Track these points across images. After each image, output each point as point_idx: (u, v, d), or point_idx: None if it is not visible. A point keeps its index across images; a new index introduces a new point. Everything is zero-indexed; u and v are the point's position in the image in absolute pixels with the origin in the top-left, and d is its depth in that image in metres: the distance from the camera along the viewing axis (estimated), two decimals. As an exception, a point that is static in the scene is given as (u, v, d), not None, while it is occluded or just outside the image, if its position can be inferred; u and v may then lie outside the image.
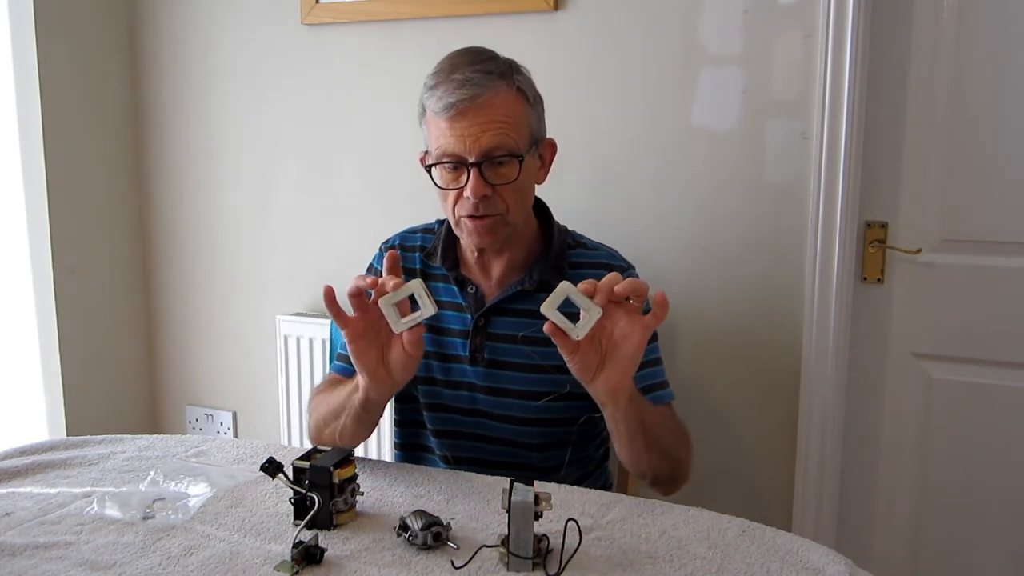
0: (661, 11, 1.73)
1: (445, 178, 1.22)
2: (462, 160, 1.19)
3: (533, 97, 1.25)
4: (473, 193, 1.18)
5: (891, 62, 1.66)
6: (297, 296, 2.18)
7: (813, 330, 1.68)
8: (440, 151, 1.20)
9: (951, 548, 1.75)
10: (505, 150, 1.19)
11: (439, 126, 1.20)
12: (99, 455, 1.24)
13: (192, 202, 2.28)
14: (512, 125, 1.20)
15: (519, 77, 1.23)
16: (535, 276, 1.27)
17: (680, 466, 1.21)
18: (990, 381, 1.68)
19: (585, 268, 1.29)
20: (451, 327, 1.32)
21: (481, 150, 1.18)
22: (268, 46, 2.11)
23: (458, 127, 1.18)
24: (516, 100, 1.21)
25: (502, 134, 1.18)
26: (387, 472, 1.17)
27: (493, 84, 1.19)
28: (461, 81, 1.18)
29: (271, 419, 2.22)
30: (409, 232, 1.41)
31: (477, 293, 1.30)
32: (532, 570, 0.89)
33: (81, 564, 0.92)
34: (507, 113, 1.19)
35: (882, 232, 1.71)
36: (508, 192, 1.21)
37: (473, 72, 1.18)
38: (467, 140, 1.17)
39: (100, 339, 2.26)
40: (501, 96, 1.19)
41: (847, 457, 1.77)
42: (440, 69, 1.22)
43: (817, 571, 0.90)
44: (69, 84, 2.13)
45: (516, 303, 1.28)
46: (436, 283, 1.34)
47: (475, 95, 1.17)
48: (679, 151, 1.76)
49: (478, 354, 1.29)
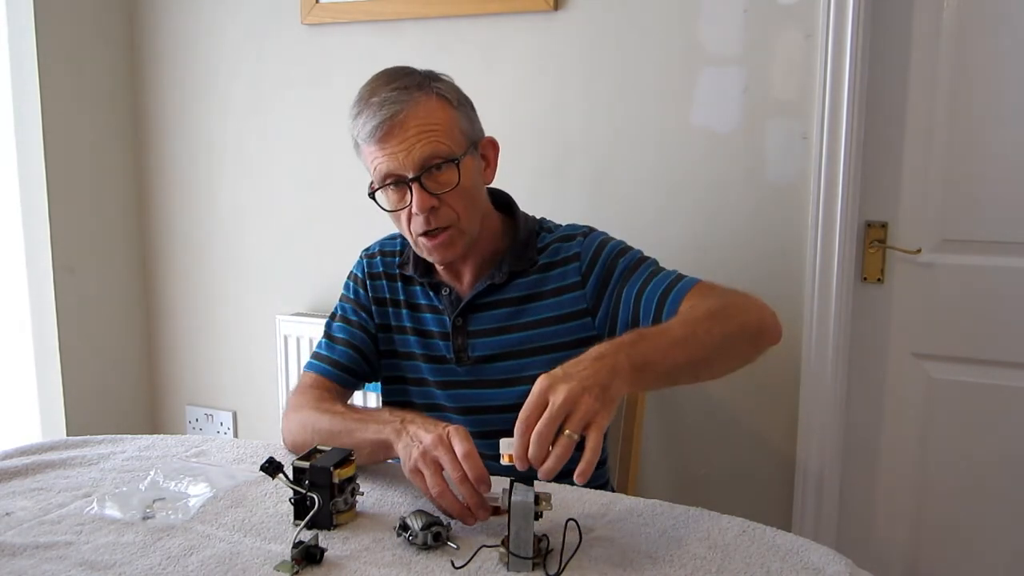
0: (661, 11, 1.73)
1: (391, 200, 1.24)
2: (401, 178, 1.20)
3: (457, 100, 1.25)
4: (419, 207, 1.19)
5: (891, 62, 1.66)
6: (297, 296, 2.18)
7: (813, 330, 1.68)
8: (378, 174, 1.22)
9: (951, 548, 1.75)
10: (439, 157, 1.20)
11: (371, 151, 1.21)
12: (99, 455, 1.24)
13: (192, 202, 2.27)
14: (441, 131, 1.20)
15: (437, 84, 1.24)
16: (504, 268, 1.29)
17: (750, 325, 1.13)
18: (990, 381, 1.68)
19: (552, 244, 1.31)
20: (432, 330, 1.33)
21: (415, 163, 1.19)
22: (268, 46, 2.11)
23: (388, 147, 1.19)
24: (439, 106, 1.22)
25: (433, 142, 1.19)
26: (387, 472, 1.17)
27: (412, 97, 1.20)
28: (379, 103, 1.19)
29: (271, 419, 2.22)
30: (389, 238, 1.42)
31: (452, 295, 1.32)
32: (532, 570, 0.89)
33: (81, 564, 0.92)
34: (432, 121, 1.20)
35: (882, 232, 1.71)
36: (454, 199, 1.21)
37: (389, 92, 1.20)
38: (400, 156, 1.19)
39: (100, 339, 2.26)
40: (422, 106, 1.20)
41: (847, 457, 1.77)
42: (360, 98, 1.24)
43: (817, 571, 0.89)
44: (69, 84, 2.13)
45: (489, 296, 1.30)
46: (414, 286, 1.36)
47: (395, 112, 1.18)
48: (679, 151, 1.76)
49: (463, 354, 1.31)
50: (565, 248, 1.31)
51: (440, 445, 0.99)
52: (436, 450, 0.98)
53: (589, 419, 0.89)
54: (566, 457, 0.89)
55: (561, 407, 0.89)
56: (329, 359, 1.34)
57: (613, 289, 1.26)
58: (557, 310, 1.29)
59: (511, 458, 0.91)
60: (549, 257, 1.31)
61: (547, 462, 0.88)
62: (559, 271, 1.30)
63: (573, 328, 1.28)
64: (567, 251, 1.30)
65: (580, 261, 1.29)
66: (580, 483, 0.88)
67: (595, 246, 1.30)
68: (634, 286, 1.23)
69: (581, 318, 1.28)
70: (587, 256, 1.29)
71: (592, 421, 0.89)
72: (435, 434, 1.00)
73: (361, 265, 1.40)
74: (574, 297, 1.28)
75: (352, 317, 1.37)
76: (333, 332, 1.37)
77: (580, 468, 0.87)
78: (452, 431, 1.00)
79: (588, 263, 1.28)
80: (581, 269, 1.29)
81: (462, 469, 0.96)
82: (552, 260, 1.30)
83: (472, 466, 0.96)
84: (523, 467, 0.90)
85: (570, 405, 0.89)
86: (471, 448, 0.97)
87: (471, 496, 0.96)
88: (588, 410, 0.89)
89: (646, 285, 1.22)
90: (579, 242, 1.31)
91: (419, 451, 1.00)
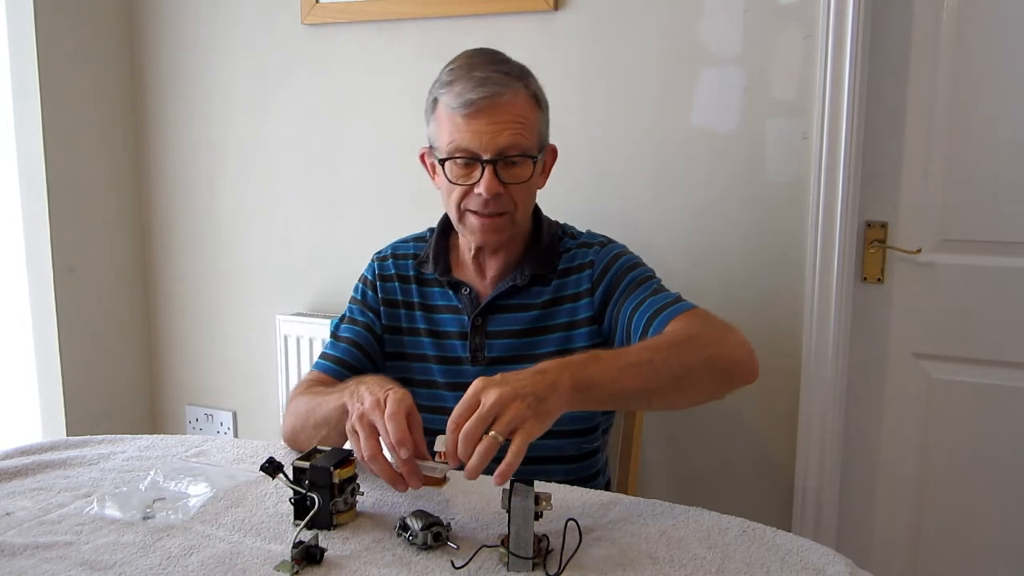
0: (661, 11, 1.73)
1: (455, 172, 1.24)
2: (476, 156, 1.21)
3: (543, 103, 1.28)
4: (487, 190, 1.21)
5: (891, 62, 1.66)
6: (297, 296, 2.18)
7: (813, 330, 1.68)
8: (453, 146, 1.22)
9: (951, 548, 1.75)
10: (519, 150, 1.22)
11: (454, 121, 1.21)
12: (99, 455, 1.24)
13: (192, 202, 2.27)
14: (527, 126, 1.23)
15: (531, 80, 1.27)
16: (527, 271, 1.30)
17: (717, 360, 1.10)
18: (990, 381, 1.68)
19: (572, 250, 1.34)
20: (449, 330, 1.33)
21: (497, 148, 1.20)
22: (268, 46, 2.11)
23: (475, 124, 1.20)
24: (530, 103, 1.24)
25: (518, 134, 1.21)
26: (387, 472, 1.17)
27: (512, 85, 1.22)
28: (481, 79, 1.20)
29: (271, 419, 2.22)
30: (401, 241, 1.43)
31: (471, 294, 1.33)
32: (532, 570, 0.89)
33: (81, 564, 0.92)
34: (523, 115, 1.22)
35: (882, 232, 1.71)
36: (519, 192, 1.24)
37: (492, 71, 1.21)
38: (483, 138, 1.20)
39: (100, 339, 2.26)
40: (520, 98, 1.22)
41: (847, 457, 1.77)
42: (458, 66, 1.24)
43: (817, 571, 0.89)
44: (69, 84, 2.13)
45: (510, 299, 1.31)
46: (431, 288, 1.36)
47: (495, 94, 1.19)
48: (679, 151, 1.76)
49: (479, 353, 1.31)
50: (582, 255, 1.33)
51: (376, 408, 0.97)
52: (373, 413, 0.97)
53: (516, 424, 0.91)
54: (488, 456, 0.90)
55: (490, 409, 0.91)
56: (332, 356, 1.34)
57: (616, 301, 1.28)
58: (571, 316, 1.31)
59: (444, 455, 0.93)
60: (568, 263, 1.33)
61: (471, 460, 0.90)
62: (575, 277, 1.32)
63: (585, 334, 1.30)
64: (583, 258, 1.33)
65: (593, 269, 1.31)
66: (497, 484, 0.89)
67: (609, 257, 1.32)
68: (633, 302, 1.25)
69: (591, 325, 1.30)
70: (600, 265, 1.31)
71: (519, 427, 0.91)
72: (375, 397, 0.98)
73: (372, 268, 1.41)
74: (585, 304, 1.30)
75: (359, 318, 1.37)
76: (339, 332, 1.38)
77: (499, 469, 0.89)
78: (391, 393, 0.98)
79: (599, 272, 1.31)
80: (592, 277, 1.31)
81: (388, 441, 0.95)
82: (570, 266, 1.33)
83: (395, 428, 0.94)
84: (454, 464, 0.92)
85: (498, 408, 0.91)
86: (397, 410, 0.95)
87: (401, 463, 0.95)
88: (516, 415, 0.91)
89: (643, 302, 1.23)
90: (595, 251, 1.33)
91: (357, 413, 0.98)
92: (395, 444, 0.94)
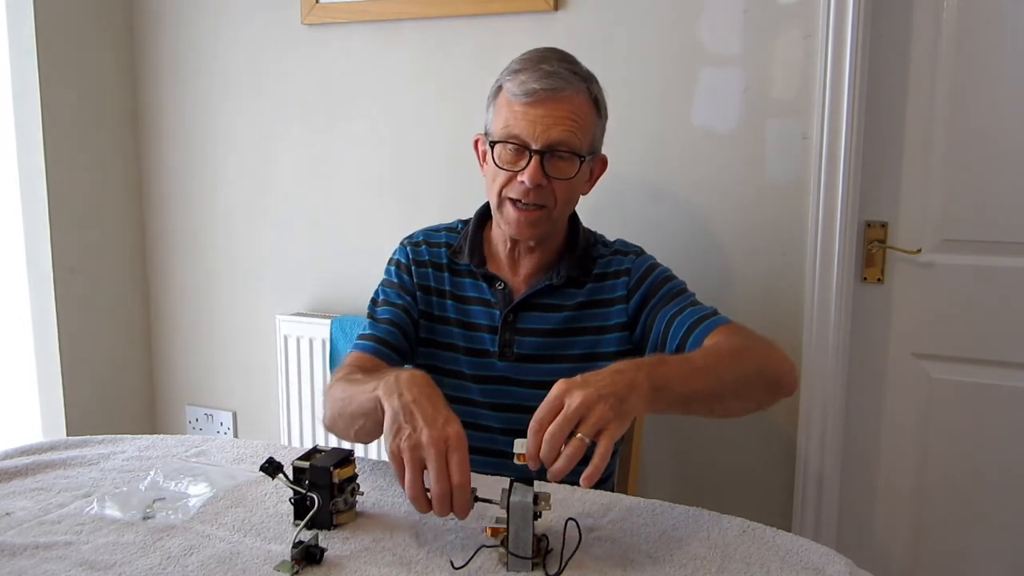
0: (661, 11, 1.73)
1: (504, 157, 1.25)
2: (526, 145, 1.22)
3: (603, 110, 1.31)
4: (530, 179, 1.22)
5: (891, 62, 1.66)
6: (297, 296, 2.18)
7: (813, 330, 1.68)
8: (507, 131, 1.24)
9: (951, 548, 1.75)
10: (569, 147, 1.23)
11: (513, 108, 1.24)
12: (99, 455, 1.24)
13: (192, 202, 2.27)
14: (581, 126, 1.24)
15: (596, 86, 1.29)
16: (563, 272, 1.32)
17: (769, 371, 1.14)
18: (990, 381, 1.68)
19: (606, 257, 1.36)
20: (479, 322, 1.34)
21: (548, 140, 1.22)
22: (268, 46, 2.11)
23: (532, 113, 1.22)
24: (590, 106, 1.27)
25: (571, 131, 1.23)
26: (387, 472, 1.17)
27: (575, 84, 1.24)
28: (548, 72, 1.22)
29: (271, 419, 2.22)
30: (432, 230, 1.43)
31: (505, 289, 1.34)
32: (532, 570, 0.89)
33: (81, 564, 0.92)
34: (580, 114, 1.24)
35: (882, 232, 1.71)
36: (560, 188, 1.25)
37: (561, 67, 1.23)
38: (537, 127, 1.22)
39: (100, 339, 2.26)
40: (580, 97, 1.24)
41: (847, 457, 1.77)
42: (528, 57, 1.27)
43: (817, 571, 0.89)
44: (69, 84, 2.13)
45: (543, 298, 1.33)
46: (463, 278, 1.37)
47: (557, 88, 1.22)
48: (679, 151, 1.76)
49: (507, 349, 1.32)
50: (617, 262, 1.35)
51: (434, 448, 0.90)
52: (428, 451, 0.90)
53: (602, 426, 0.90)
54: (576, 459, 0.89)
55: (576, 410, 0.89)
56: (373, 336, 1.31)
57: (652, 310, 1.29)
58: (603, 320, 1.32)
59: (523, 458, 0.91)
60: (602, 268, 1.35)
61: (557, 463, 0.89)
62: (610, 283, 1.33)
63: (615, 340, 1.32)
64: (619, 265, 1.35)
65: (629, 276, 1.33)
66: (585, 487, 0.88)
67: (645, 266, 1.34)
68: (670, 311, 1.27)
69: (622, 331, 1.32)
70: (636, 273, 1.33)
71: (604, 428, 0.90)
72: (435, 433, 0.91)
73: (405, 252, 1.40)
74: (619, 310, 1.32)
75: (396, 300, 1.36)
76: (377, 314, 1.36)
77: (587, 472, 0.88)
78: (454, 440, 0.91)
79: (636, 280, 1.32)
80: (628, 284, 1.32)
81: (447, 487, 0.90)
82: (605, 271, 1.34)
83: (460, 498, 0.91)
84: (534, 466, 0.91)
85: (584, 410, 0.90)
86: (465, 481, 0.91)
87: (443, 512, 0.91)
88: (601, 417, 0.90)
89: (680, 312, 1.25)
90: (631, 259, 1.35)
91: (410, 441, 0.92)
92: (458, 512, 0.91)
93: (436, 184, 1.98)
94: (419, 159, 1.97)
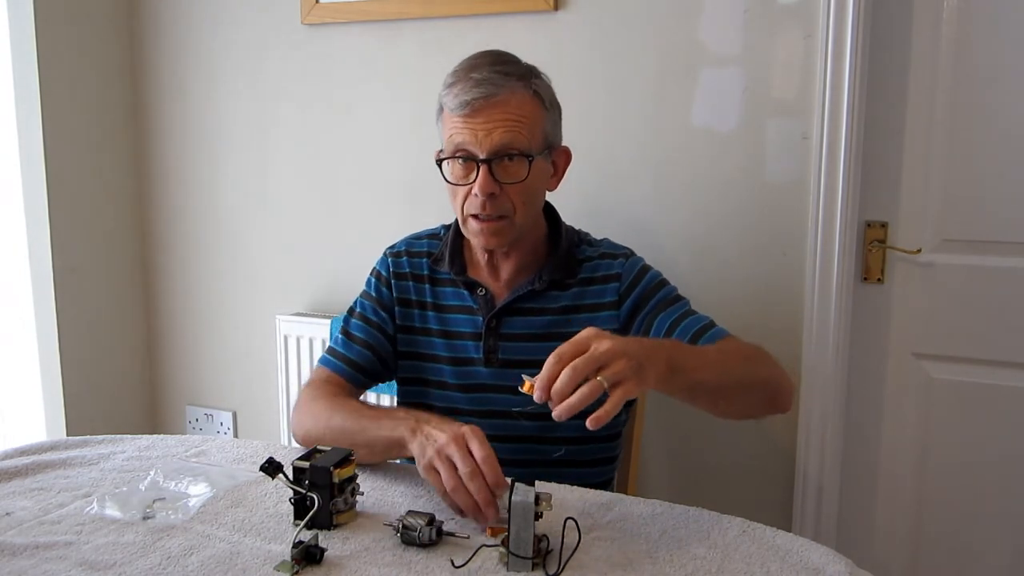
0: (661, 11, 1.73)
1: (456, 173, 1.25)
2: (472, 156, 1.21)
3: (550, 102, 1.28)
4: (481, 189, 1.21)
5: (891, 62, 1.66)
6: (297, 296, 2.18)
7: (813, 330, 1.68)
8: (452, 145, 1.23)
9: (951, 548, 1.75)
10: (515, 148, 1.21)
11: (453, 122, 1.22)
12: (99, 455, 1.24)
13: (192, 202, 2.28)
14: (525, 125, 1.22)
15: (536, 81, 1.26)
16: (545, 276, 1.30)
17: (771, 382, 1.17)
18: (990, 381, 1.68)
19: (594, 260, 1.34)
20: (463, 331, 1.33)
21: (492, 146, 1.20)
22: (268, 46, 2.11)
23: (471, 123, 1.20)
24: (531, 102, 1.24)
25: (513, 132, 1.21)
26: (387, 472, 1.17)
27: (509, 84, 1.22)
28: (478, 80, 1.21)
29: (271, 419, 2.22)
30: (415, 238, 1.42)
31: (487, 295, 1.32)
32: (532, 570, 0.89)
33: (81, 564, 0.92)
34: (521, 113, 1.22)
35: (882, 232, 1.71)
36: (516, 192, 1.23)
37: (491, 72, 1.21)
38: (479, 135, 1.20)
39: (100, 338, 2.26)
40: (517, 97, 1.22)
41: (847, 457, 1.77)
42: (459, 68, 1.25)
43: (817, 571, 0.89)
44: (69, 84, 2.13)
45: (526, 302, 1.31)
46: (444, 288, 1.35)
47: (490, 94, 1.20)
48: (679, 151, 1.76)
49: (492, 355, 1.31)
50: (606, 266, 1.33)
51: (454, 443, 1.00)
52: (450, 447, 1.00)
53: (620, 379, 0.91)
54: (589, 400, 0.90)
55: (604, 354, 0.91)
56: (345, 357, 1.34)
57: (646, 315, 1.28)
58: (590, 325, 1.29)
59: (531, 387, 0.92)
60: (589, 272, 1.32)
61: (571, 398, 0.89)
62: (598, 287, 1.31)
63: None
64: (607, 269, 1.32)
65: (620, 282, 1.31)
66: (591, 428, 0.89)
67: (637, 270, 1.32)
68: (669, 317, 1.26)
69: None
70: (628, 278, 1.31)
71: (621, 382, 0.91)
72: (451, 433, 1.02)
73: (386, 263, 1.39)
74: (609, 316, 1.30)
75: (372, 317, 1.36)
76: (351, 329, 1.36)
77: (597, 413, 0.89)
78: (468, 431, 1.02)
79: (628, 285, 1.31)
80: (619, 289, 1.31)
81: (474, 465, 0.98)
82: (592, 276, 1.32)
83: (490, 469, 0.98)
84: (542, 397, 0.91)
85: (610, 357, 0.91)
86: (490, 452, 0.99)
87: (482, 492, 0.97)
88: (622, 370, 0.91)
89: (681, 320, 1.25)
90: (621, 263, 1.33)
91: (434, 449, 1.01)
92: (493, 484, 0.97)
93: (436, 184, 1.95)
94: (419, 159, 1.97)
